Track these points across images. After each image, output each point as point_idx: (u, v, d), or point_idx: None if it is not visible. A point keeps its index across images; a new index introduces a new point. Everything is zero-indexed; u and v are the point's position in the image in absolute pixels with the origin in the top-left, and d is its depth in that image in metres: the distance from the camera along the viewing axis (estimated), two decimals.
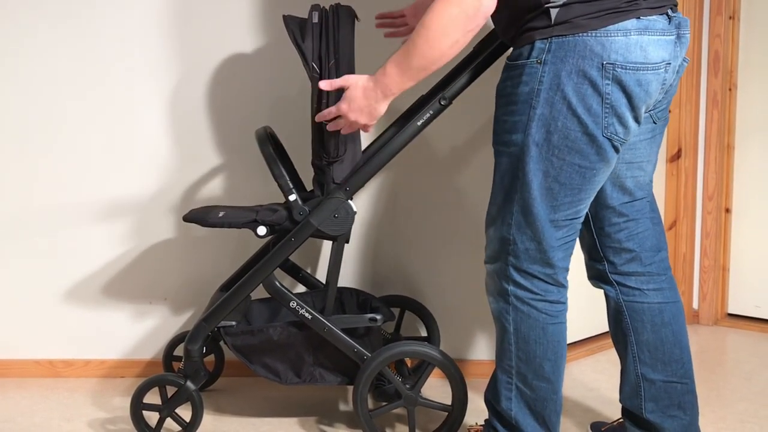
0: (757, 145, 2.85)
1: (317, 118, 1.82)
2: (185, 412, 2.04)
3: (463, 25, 1.58)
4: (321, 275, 2.41)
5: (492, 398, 1.84)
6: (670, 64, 1.63)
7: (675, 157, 2.88)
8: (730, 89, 2.86)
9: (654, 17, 1.59)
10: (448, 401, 2.00)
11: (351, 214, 1.94)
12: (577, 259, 2.18)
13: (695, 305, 2.96)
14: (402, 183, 2.43)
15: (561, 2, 1.57)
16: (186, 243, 2.45)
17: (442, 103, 1.87)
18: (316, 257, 2.45)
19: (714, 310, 2.95)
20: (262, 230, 1.95)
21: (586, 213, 1.82)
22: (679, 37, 1.65)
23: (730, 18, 2.82)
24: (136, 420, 2.03)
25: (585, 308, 2.60)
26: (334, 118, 1.79)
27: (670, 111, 2.88)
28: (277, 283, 1.98)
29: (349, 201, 1.93)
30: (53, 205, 2.43)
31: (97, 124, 2.40)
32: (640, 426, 1.87)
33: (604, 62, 1.56)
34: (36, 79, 2.38)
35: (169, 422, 2.04)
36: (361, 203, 2.43)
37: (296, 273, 2.29)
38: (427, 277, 2.46)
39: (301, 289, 2.32)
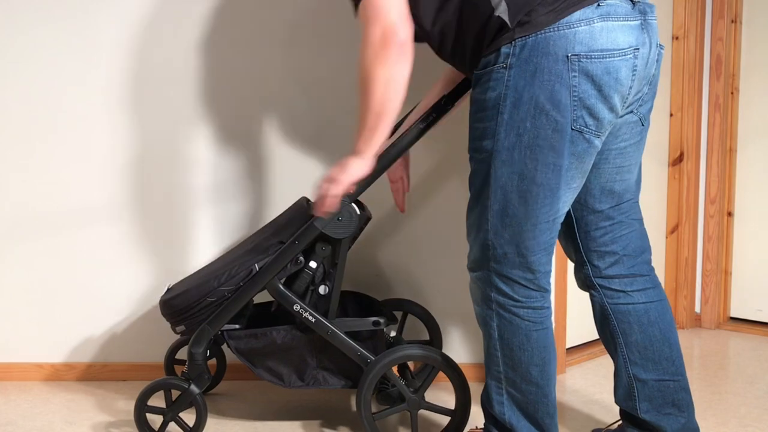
0: (759, 148, 2.85)
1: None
2: (189, 416, 2.04)
3: (381, 61, 1.64)
4: None
5: (486, 403, 1.84)
6: (638, 49, 1.60)
7: (677, 161, 2.88)
8: (732, 93, 2.86)
9: (615, 2, 1.57)
10: (452, 405, 1.99)
11: (354, 217, 1.93)
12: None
13: (697, 309, 2.96)
14: None
15: (509, 7, 1.58)
16: (189, 245, 2.45)
17: (446, 106, 1.87)
18: None
19: (716, 314, 2.95)
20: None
21: (571, 217, 1.83)
22: (646, 22, 1.62)
23: (733, 21, 2.82)
24: (139, 423, 2.03)
25: (586, 312, 2.60)
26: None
27: (671, 114, 2.91)
28: (281, 286, 1.98)
29: (353, 204, 1.93)
30: (54, 207, 2.43)
31: (97, 125, 2.40)
32: (638, 426, 1.87)
33: (569, 54, 1.55)
34: (37, 81, 2.38)
35: (172, 426, 2.04)
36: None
37: None
38: (430, 280, 2.46)
39: None
